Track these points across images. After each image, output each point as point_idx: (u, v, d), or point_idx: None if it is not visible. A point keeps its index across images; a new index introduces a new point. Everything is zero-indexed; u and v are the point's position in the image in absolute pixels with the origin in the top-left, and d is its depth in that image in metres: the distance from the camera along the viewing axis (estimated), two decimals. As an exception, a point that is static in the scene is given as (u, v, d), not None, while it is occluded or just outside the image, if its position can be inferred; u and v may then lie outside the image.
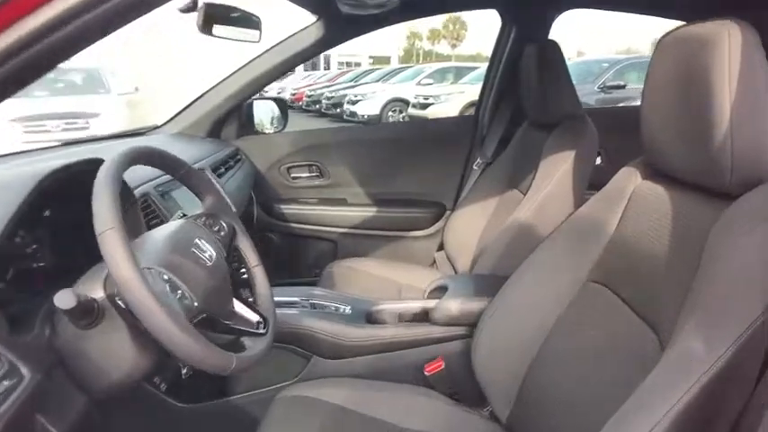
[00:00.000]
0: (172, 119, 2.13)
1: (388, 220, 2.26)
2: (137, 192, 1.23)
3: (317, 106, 14.59)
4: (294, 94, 17.09)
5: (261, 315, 1.02)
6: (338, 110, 13.01)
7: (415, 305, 1.42)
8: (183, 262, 0.87)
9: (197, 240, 0.93)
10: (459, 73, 13.25)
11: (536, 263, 1.15)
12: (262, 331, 0.98)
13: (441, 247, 2.20)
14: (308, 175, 2.28)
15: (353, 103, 12.31)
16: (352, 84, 14.93)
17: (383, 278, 1.98)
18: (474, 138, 2.23)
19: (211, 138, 2.12)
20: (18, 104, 7.34)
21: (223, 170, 1.82)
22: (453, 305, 1.31)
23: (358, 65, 29.28)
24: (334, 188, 2.28)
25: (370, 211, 2.26)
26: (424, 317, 1.36)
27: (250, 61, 1.99)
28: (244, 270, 1.12)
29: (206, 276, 0.89)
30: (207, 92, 2.07)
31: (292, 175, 2.27)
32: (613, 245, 1.01)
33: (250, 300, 1.06)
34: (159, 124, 2.16)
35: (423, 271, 2.09)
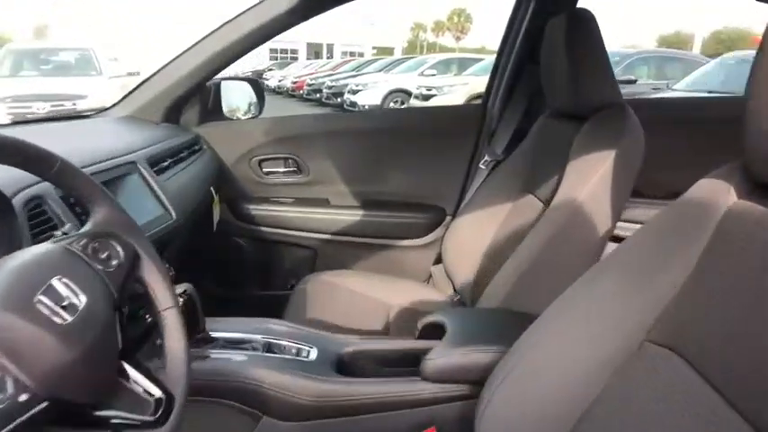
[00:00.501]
0: (121, 100, 1.78)
1: (377, 225, 1.91)
2: (22, 195, 0.89)
3: (318, 95, 14.32)
4: (295, 83, 16.84)
5: (164, 389, 0.68)
6: (339, 99, 12.70)
7: (402, 346, 1.08)
8: (14, 325, 0.54)
9: (53, 283, 0.60)
10: (463, 64, 12.94)
11: (572, 305, 0.80)
12: (152, 419, 0.64)
13: (438, 260, 1.86)
14: (283, 170, 1.93)
15: (354, 92, 11.99)
16: (353, 73, 14.62)
17: (368, 297, 1.65)
18: (481, 131, 1.88)
19: (168, 123, 1.77)
20: (6, 84, 7.14)
21: (172, 161, 1.47)
22: (452, 357, 0.97)
23: (361, 55, 28.81)
24: (313, 186, 1.93)
25: (355, 215, 1.91)
26: (413, 363, 1.02)
27: (210, 33, 1.63)
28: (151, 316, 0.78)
29: (55, 345, 0.56)
30: (161, 69, 1.71)
31: (265, 170, 1.92)
32: (689, 292, 0.66)
33: (152, 365, 0.72)
34: (107, 106, 1.81)
35: (416, 288, 1.76)
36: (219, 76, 1.86)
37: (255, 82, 2.10)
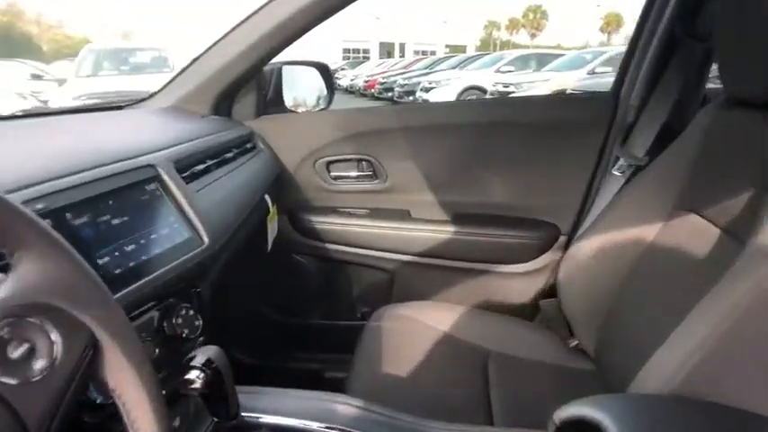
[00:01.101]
0: (163, 88, 1.47)
1: (471, 246, 1.51)
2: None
3: (390, 94, 14.07)
4: (367, 82, 16.71)
5: None
6: (411, 98, 12.36)
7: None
8: None
9: None
10: (542, 60, 12.28)
11: None
12: None
13: (550, 293, 1.45)
14: (356, 174, 1.56)
15: (427, 90, 11.61)
16: (426, 71, 14.24)
17: (460, 339, 1.29)
18: (611, 127, 1.44)
19: (216, 116, 1.45)
20: (87, 82, 7.36)
21: (213, 163, 1.13)
22: None
23: (433, 53, 28.29)
24: (392, 195, 1.55)
25: (443, 232, 1.52)
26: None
27: (262, 7, 1.29)
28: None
29: None
30: (207, 50, 1.39)
31: (333, 174, 1.56)
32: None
33: None
34: (148, 95, 1.51)
35: (521, 328, 1.38)
36: (281, 59, 1.53)
37: (324, 67, 1.74)
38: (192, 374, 0.76)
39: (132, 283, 0.76)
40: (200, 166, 1.07)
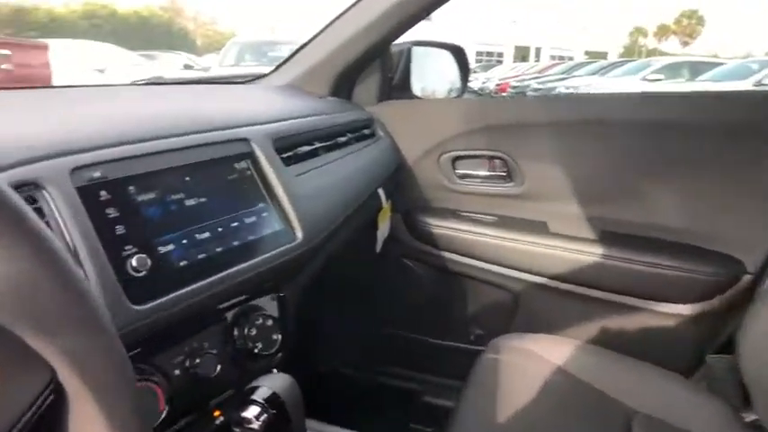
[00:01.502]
0: (281, 65, 1.34)
1: (621, 274, 1.22)
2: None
3: (521, 99, 13.49)
4: (499, 85, 16.27)
5: None
6: (544, 103, 11.75)
7: None
8: None
9: None
10: (696, 69, 11.14)
11: None
12: None
13: (725, 347, 1.13)
14: (486, 173, 1.33)
15: (562, 96, 10.95)
16: (563, 76, 13.53)
17: (598, 392, 1.03)
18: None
19: (336, 97, 1.29)
20: (229, 71, 7.80)
21: (321, 146, 0.97)
22: None
23: (571, 59, 27.02)
24: (528, 202, 1.30)
25: (587, 253, 1.24)
26: None
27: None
28: None
29: None
30: (327, 26, 1.24)
31: (459, 172, 1.34)
32: None
33: None
34: (265, 73, 1.39)
35: (679, 388, 1.08)
36: (409, 38, 1.35)
37: (460, 51, 1.53)
38: (252, 411, 0.59)
39: (198, 280, 0.60)
40: (306, 148, 0.90)
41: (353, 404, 1.45)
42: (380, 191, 1.19)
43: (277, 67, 1.36)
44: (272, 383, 0.64)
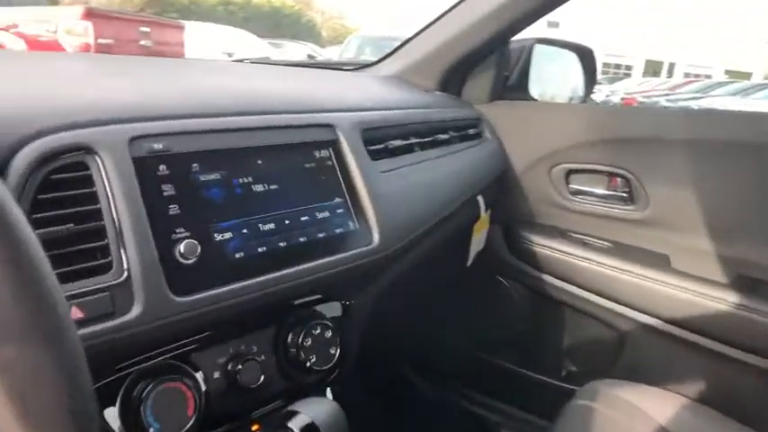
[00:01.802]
0: (389, 55, 1.27)
1: (751, 328, 1.01)
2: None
3: (648, 116, 12.61)
4: (624, 99, 15.34)
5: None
6: (673, 123, 10.90)
7: None
8: None
9: None
10: None
11: None
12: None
13: None
14: (603, 192, 1.17)
15: (696, 117, 10.08)
16: (697, 95, 12.46)
17: None
18: None
19: (443, 92, 1.19)
20: None
21: (417, 142, 0.87)
22: None
23: (708, 77, 24.93)
24: (650, 230, 1.12)
25: (714, 299, 1.04)
26: None
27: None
28: None
29: None
30: (440, 17, 1.15)
31: (573, 187, 1.19)
32: None
33: None
34: (373, 60, 1.32)
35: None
36: (530, 34, 1.22)
37: (587, 53, 1.37)
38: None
39: (253, 277, 0.53)
40: (398, 142, 0.81)
41: (419, 419, 1.35)
42: (480, 198, 1.07)
43: (386, 56, 1.29)
44: (315, 411, 0.55)
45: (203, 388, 0.54)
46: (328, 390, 0.65)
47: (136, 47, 4.69)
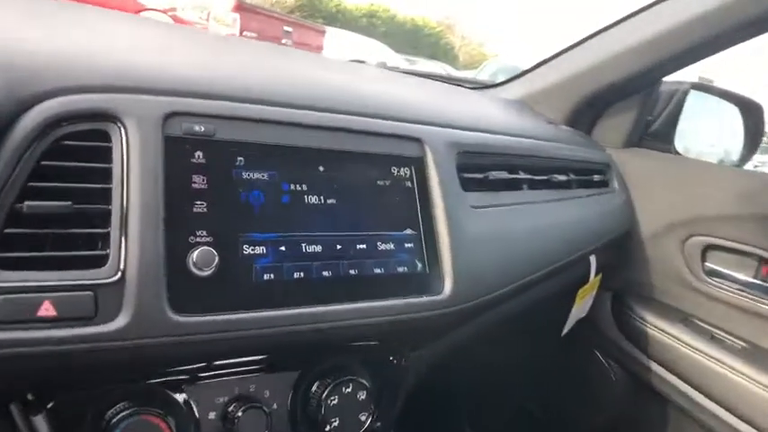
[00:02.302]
0: (516, 77, 1.13)
1: None
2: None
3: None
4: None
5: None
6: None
7: None
8: None
9: None
10: None
11: None
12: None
13: None
14: (750, 280, 0.95)
15: None
16: None
17: None
18: None
19: (570, 128, 1.03)
20: None
21: (528, 178, 0.72)
22: None
23: None
24: None
25: None
26: None
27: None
28: None
29: None
30: (578, 43, 1.00)
31: (709, 266, 0.98)
32: None
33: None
34: (497, 81, 1.19)
35: None
36: (682, 76, 1.04)
37: (754, 107, 1.15)
38: None
39: (282, 307, 0.43)
40: (503, 174, 0.67)
41: None
42: (592, 258, 0.89)
43: (512, 78, 1.15)
44: None
45: (191, 430, 0.43)
46: None
47: (276, 44, 4.88)
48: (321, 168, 0.48)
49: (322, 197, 0.47)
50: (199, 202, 0.41)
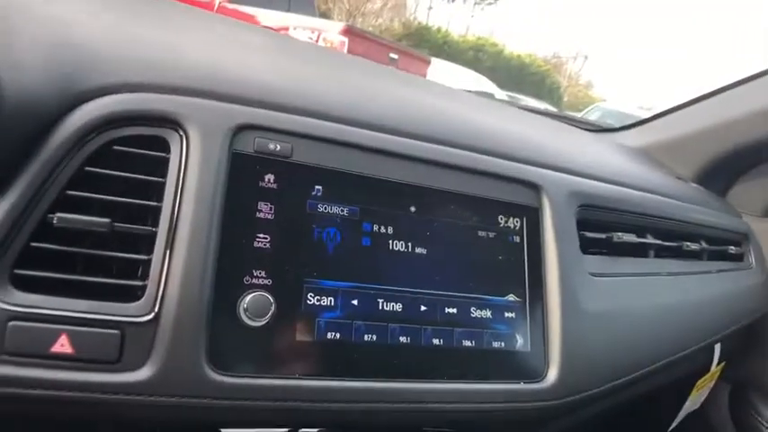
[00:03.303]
0: (638, 123, 1.01)
1: None
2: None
3: None
4: None
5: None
6: None
7: None
8: None
9: None
10: None
11: None
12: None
13: None
14: None
15: None
16: None
17: None
18: None
19: (702, 186, 0.90)
20: None
21: (662, 246, 0.60)
22: None
23: None
24: None
25: None
26: None
27: None
28: None
29: None
30: (717, 91, 0.87)
31: None
32: None
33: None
34: (615, 126, 1.07)
35: None
36: None
37: None
38: None
39: (345, 377, 0.34)
40: (630, 237, 0.55)
41: None
42: (717, 347, 0.75)
43: (632, 125, 1.03)
44: None
45: None
46: None
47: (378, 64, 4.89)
48: (412, 209, 0.39)
49: (410, 244, 0.38)
50: (262, 236, 0.34)
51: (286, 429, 0.37)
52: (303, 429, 0.37)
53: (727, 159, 0.89)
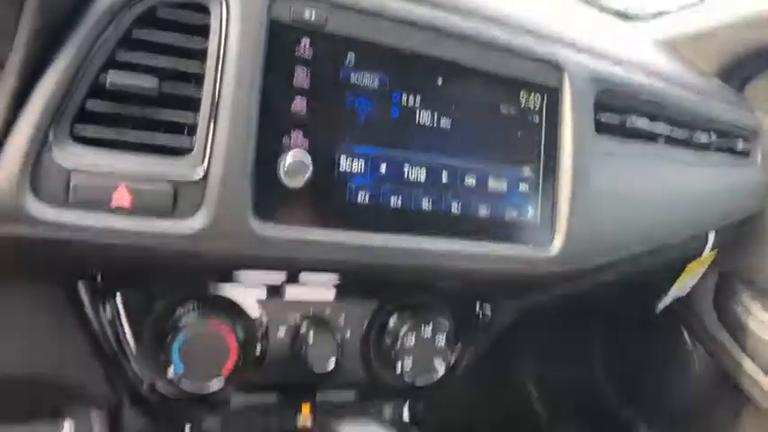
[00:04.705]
0: (666, 13, 0.98)
1: None
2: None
3: None
4: None
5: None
6: None
7: None
8: None
9: None
10: None
11: None
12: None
13: None
14: None
15: None
16: None
17: None
18: None
19: (721, 81, 0.89)
20: None
21: (672, 138, 0.62)
22: None
23: None
24: None
25: None
26: None
27: None
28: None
29: None
30: None
31: None
32: None
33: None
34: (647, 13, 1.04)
35: None
36: None
37: None
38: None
39: (371, 230, 0.38)
40: (643, 122, 0.57)
41: None
42: (711, 235, 0.79)
43: (658, 13, 1.00)
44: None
45: (258, 347, 0.40)
46: (406, 408, 0.49)
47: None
48: (440, 82, 0.41)
49: (435, 115, 0.41)
50: (299, 99, 0.36)
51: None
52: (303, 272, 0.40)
53: (750, 55, 0.88)
